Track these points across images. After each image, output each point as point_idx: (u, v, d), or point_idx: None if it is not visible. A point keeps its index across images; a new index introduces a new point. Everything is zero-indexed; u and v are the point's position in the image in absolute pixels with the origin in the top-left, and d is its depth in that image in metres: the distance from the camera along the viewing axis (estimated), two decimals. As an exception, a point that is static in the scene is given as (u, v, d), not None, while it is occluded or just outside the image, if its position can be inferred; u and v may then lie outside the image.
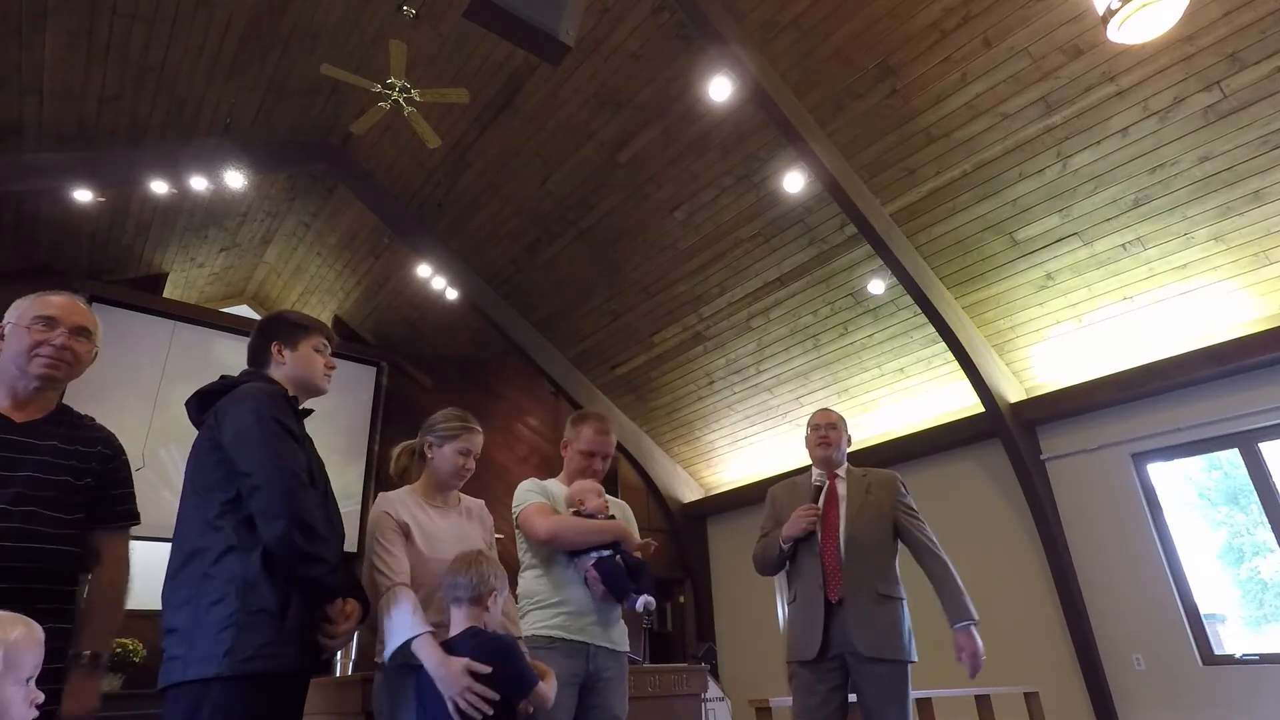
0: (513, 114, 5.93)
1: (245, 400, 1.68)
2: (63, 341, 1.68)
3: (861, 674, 2.46)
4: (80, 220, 6.30)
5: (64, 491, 1.64)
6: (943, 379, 6.19)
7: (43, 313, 1.69)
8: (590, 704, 2.04)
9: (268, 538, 1.55)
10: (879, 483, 2.74)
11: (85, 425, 1.78)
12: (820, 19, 4.68)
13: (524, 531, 2.18)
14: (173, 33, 4.92)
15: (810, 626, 2.51)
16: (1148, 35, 2.73)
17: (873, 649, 2.43)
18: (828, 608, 2.51)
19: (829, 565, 2.56)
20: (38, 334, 1.67)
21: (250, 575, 1.54)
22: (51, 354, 1.67)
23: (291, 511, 1.54)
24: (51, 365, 1.67)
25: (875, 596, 2.51)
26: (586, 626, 2.08)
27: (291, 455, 1.63)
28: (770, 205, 5.84)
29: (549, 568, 2.15)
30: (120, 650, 5.33)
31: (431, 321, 8.46)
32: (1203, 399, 5.05)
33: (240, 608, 1.51)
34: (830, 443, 2.76)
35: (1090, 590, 5.39)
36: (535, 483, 2.31)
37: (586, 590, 2.12)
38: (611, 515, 2.25)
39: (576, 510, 2.20)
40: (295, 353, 1.86)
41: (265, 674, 1.50)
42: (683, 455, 8.41)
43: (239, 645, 1.48)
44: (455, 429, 2.00)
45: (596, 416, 2.47)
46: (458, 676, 1.58)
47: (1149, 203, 4.69)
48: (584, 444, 2.38)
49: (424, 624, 1.68)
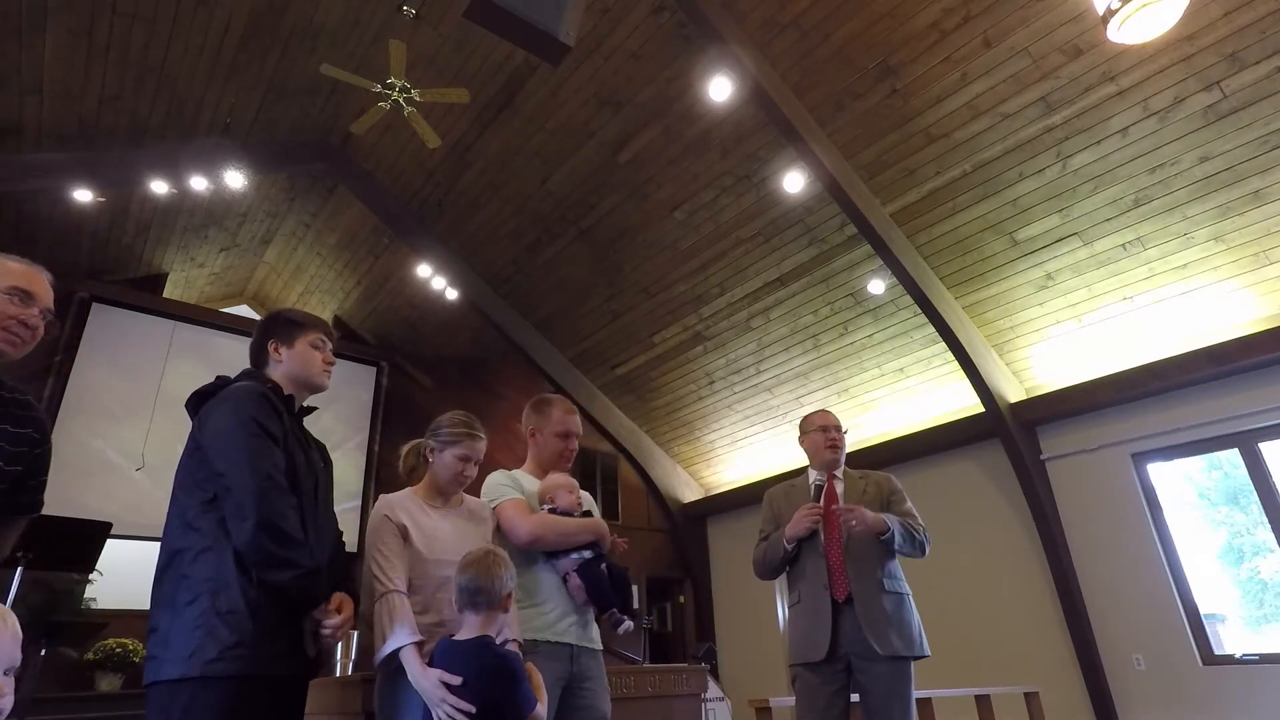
0: (513, 114, 5.93)
1: (226, 401, 1.68)
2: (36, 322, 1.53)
3: (866, 673, 2.45)
4: (80, 220, 6.30)
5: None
6: (943, 379, 6.19)
7: (22, 285, 1.52)
8: (577, 704, 2.02)
9: (236, 540, 1.53)
10: (875, 482, 2.75)
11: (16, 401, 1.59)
12: (820, 19, 4.68)
13: (504, 530, 2.13)
14: (173, 33, 4.92)
15: (818, 627, 2.49)
16: (1148, 35, 2.73)
17: (887, 646, 2.41)
18: (834, 607, 2.49)
19: (834, 564, 2.55)
20: (12, 307, 1.50)
21: (223, 576, 1.52)
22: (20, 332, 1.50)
23: (260, 514, 1.52)
24: (15, 344, 1.50)
25: (883, 592, 2.50)
26: (568, 628, 2.06)
27: (266, 457, 1.61)
28: (770, 205, 5.84)
29: (527, 567, 2.11)
30: (120, 650, 5.33)
31: (431, 321, 8.46)
32: (1203, 399, 5.05)
33: (210, 608, 1.50)
34: (839, 445, 2.76)
35: (1090, 590, 5.39)
36: (507, 474, 2.24)
37: (566, 591, 2.10)
38: (586, 512, 2.21)
39: (552, 508, 2.15)
40: (292, 350, 1.85)
41: (237, 676, 1.48)
42: (683, 455, 8.41)
43: (205, 646, 1.47)
44: (458, 434, 1.99)
45: (558, 397, 2.42)
46: (432, 690, 1.60)
47: (1149, 203, 4.69)
48: (558, 425, 2.32)
49: (411, 634, 1.69)
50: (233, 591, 1.51)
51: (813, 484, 2.73)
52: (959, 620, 5.97)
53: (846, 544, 2.57)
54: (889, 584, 2.53)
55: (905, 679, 2.44)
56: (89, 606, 5.56)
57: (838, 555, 2.56)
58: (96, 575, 5.15)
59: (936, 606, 6.27)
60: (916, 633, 2.50)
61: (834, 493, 2.70)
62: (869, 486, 2.72)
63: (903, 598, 2.55)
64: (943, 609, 6.12)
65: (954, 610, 6.02)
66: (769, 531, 2.76)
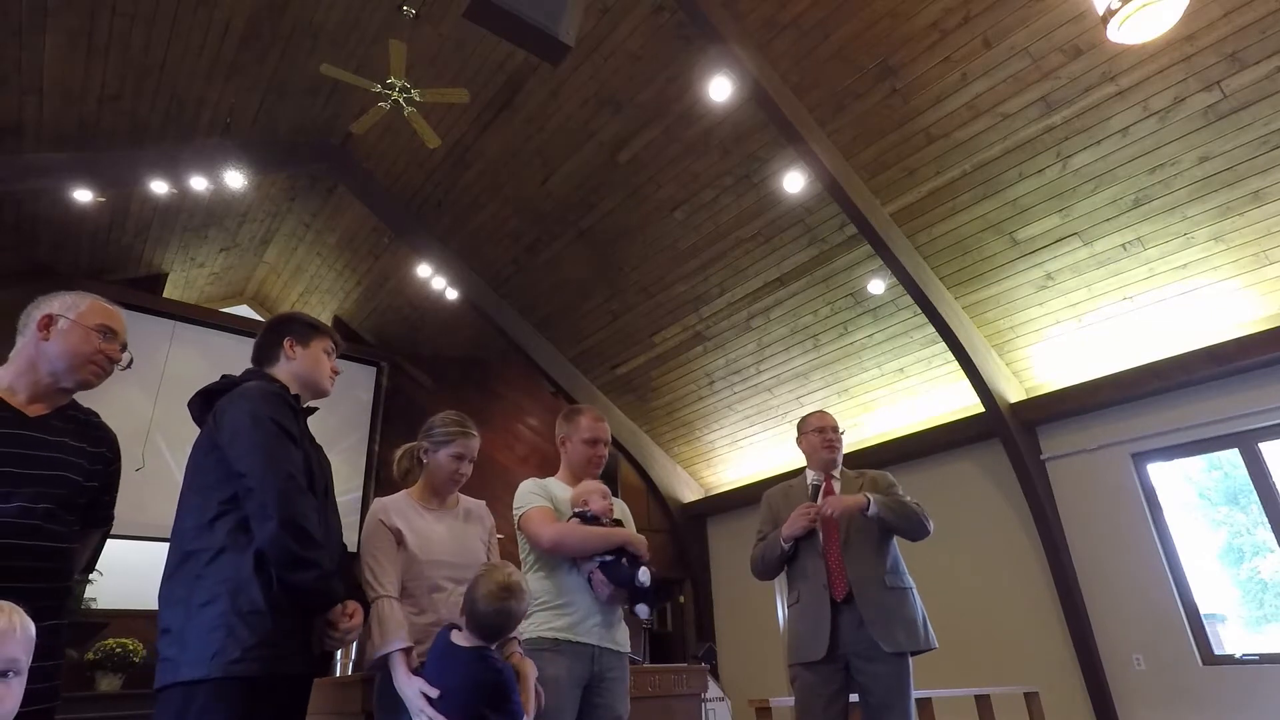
0: (513, 114, 5.93)
1: (243, 400, 1.67)
2: (118, 357, 1.69)
3: (866, 672, 2.44)
4: (80, 220, 6.30)
5: (73, 491, 1.60)
6: (942, 379, 6.19)
7: (108, 323, 1.69)
8: (594, 703, 2.05)
9: (260, 539, 1.53)
10: (872, 480, 2.75)
11: (92, 424, 1.73)
12: (820, 19, 4.68)
13: (527, 537, 2.18)
14: (173, 33, 4.92)
15: (818, 627, 2.49)
16: (1148, 35, 2.73)
17: (892, 642, 2.40)
18: (834, 607, 2.49)
19: (833, 564, 2.55)
20: (103, 345, 1.67)
21: (242, 576, 1.52)
22: (106, 365, 1.67)
23: (284, 514, 1.52)
24: (99, 375, 1.67)
25: (884, 589, 2.50)
26: (591, 628, 2.09)
27: (288, 457, 1.61)
28: (770, 205, 5.84)
29: (552, 570, 2.15)
30: (120, 650, 5.33)
31: (431, 321, 8.46)
32: (1203, 399, 5.05)
33: (230, 609, 1.49)
34: (836, 446, 2.78)
35: (1090, 590, 5.39)
36: (537, 483, 2.29)
37: (590, 592, 2.12)
38: (618, 520, 2.23)
39: (581, 512, 2.18)
40: (307, 350, 1.87)
41: (255, 676, 1.48)
42: (683, 455, 8.41)
43: (227, 647, 1.46)
44: (451, 434, 2.01)
45: (587, 407, 2.51)
46: (413, 699, 1.64)
47: (1149, 203, 4.69)
48: (586, 432, 2.38)
49: (400, 641, 1.71)
50: (253, 592, 1.51)
51: (810, 484, 2.73)
52: (959, 620, 5.97)
53: (845, 543, 2.57)
54: (890, 579, 2.53)
55: (905, 678, 2.44)
56: (89, 606, 5.56)
57: (836, 555, 2.57)
58: (96, 575, 5.14)
59: (936, 606, 6.24)
60: (922, 626, 2.50)
61: (832, 492, 2.71)
62: (865, 485, 2.72)
63: (906, 592, 2.54)
64: (942, 609, 6.11)
65: (954, 610, 6.02)
66: (766, 532, 2.77)
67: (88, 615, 5.44)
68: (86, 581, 5.41)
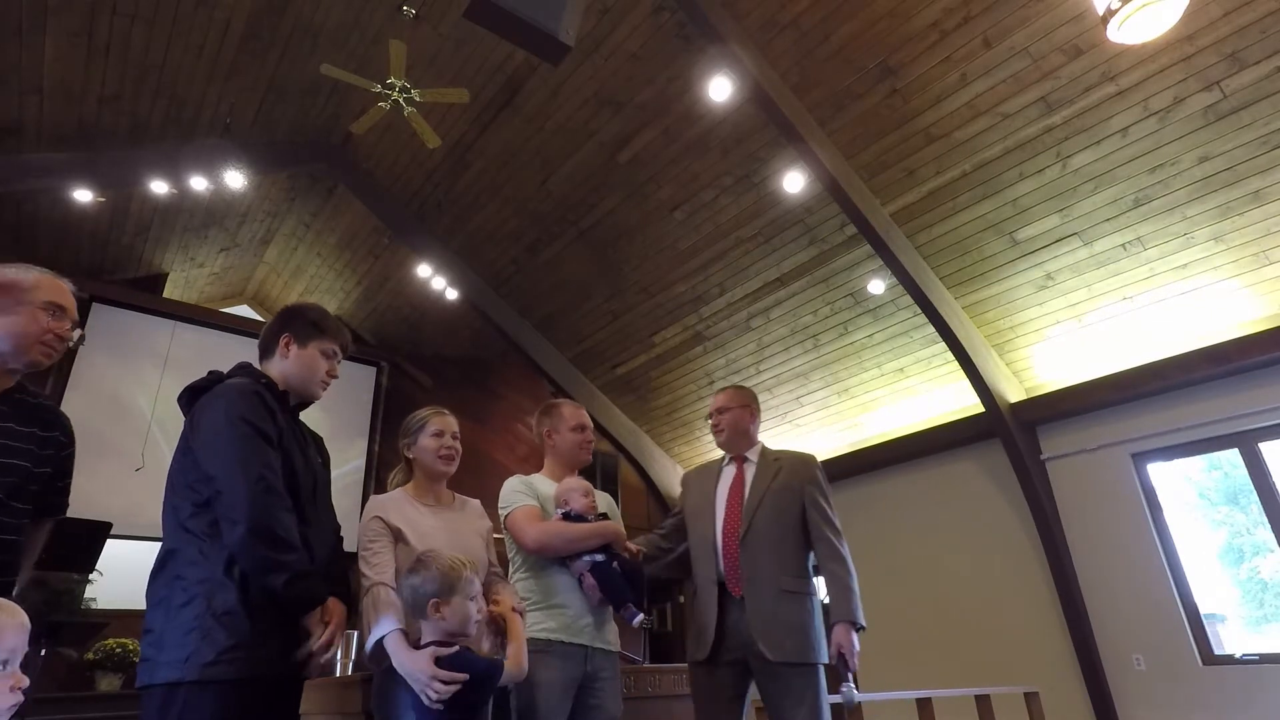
0: (513, 114, 5.93)
1: (218, 400, 1.64)
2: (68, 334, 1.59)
3: (765, 675, 2.23)
4: (80, 220, 6.30)
5: (23, 478, 1.52)
6: (942, 379, 6.19)
7: (57, 300, 1.58)
8: (588, 704, 2.04)
9: (228, 542, 1.50)
10: (791, 467, 2.48)
11: (43, 407, 1.63)
12: (820, 19, 4.68)
13: (513, 537, 2.16)
14: (173, 33, 4.92)
15: (705, 624, 2.30)
16: (1148, 35, 2.73)
17: (778, 652, 2.18)
18: (723, 604, 2.30)
19: (728, 557, 2.34)
20: (51, 322, 1.56)
21: (217, 577, 1.50)
22: (56, 345, 1.57)
23: (252, 518, 1.49)
24: (50, 355, 1.57)
25: (778, 593, 2.25)
26: (583, 629, 2.08)
27: (258, 459, 1.57)
28: (770, 205, 5.84)
29: (542, 571, 2.13)
30: (120, 650, 5.33)
31: (431, 321, 8.46)
32: (1203, 399, 5.05)
33: (206, 610, 1.47)
34: (720, 428, 2.60)
35: (1090, 590, 5.38)
36: (523, 480, 2.26)
37: (581, 592, 2.11)
38: (603, 514, 2.22)
39: (565, 512, 2.16)
40: (302, 350, 1.81)
41: (233, 679, 1.45)
42: (683, 455, 8.41)
43: (202, 649, 1.44)
44: (423, 418, 2.05)
45: (563, 399, 2.47)
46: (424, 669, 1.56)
47: (1149, 203, 4.69)
48: (571, 420, 2.36)
49: (395, 622, 1.67)
50: (229, 593, 1.49)
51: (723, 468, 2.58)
52: (959, 620, 5.97)
53: (744, 535, 2.34)
54: (788, 583, 2.28)
55: (812, 684, 2.20)
56: (89, 606, 5.56)
57: (733, 547, 2.34)
58: (96, 575, 5.15)
59: (936, 606, 6.29)
60: (814, 637, 2.24)
61: (741, 478, 2.50)
62: (783, 471, 2.47)
63: (803, 598, 2.29)
64: (942, 609, 6.13)
65: (954, 610, 6.02)
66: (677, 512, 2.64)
67: (87, 615, 5.44)
68: (86, 581, 5.42)
